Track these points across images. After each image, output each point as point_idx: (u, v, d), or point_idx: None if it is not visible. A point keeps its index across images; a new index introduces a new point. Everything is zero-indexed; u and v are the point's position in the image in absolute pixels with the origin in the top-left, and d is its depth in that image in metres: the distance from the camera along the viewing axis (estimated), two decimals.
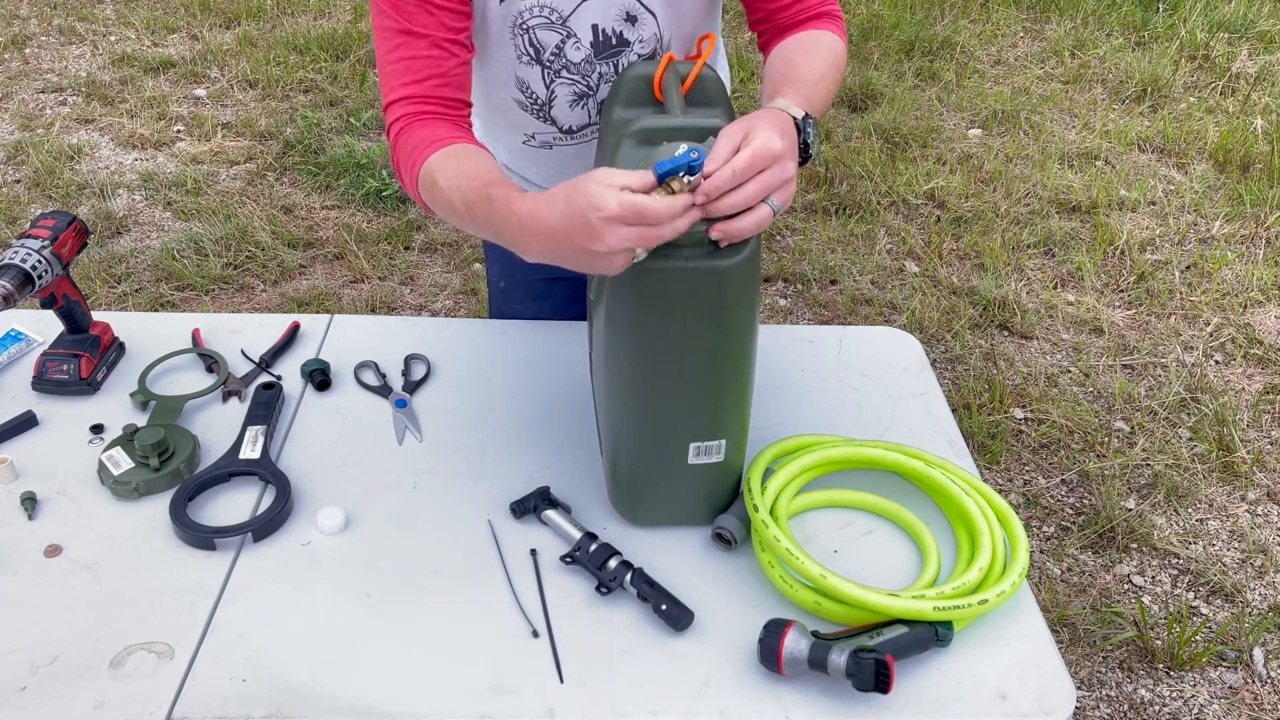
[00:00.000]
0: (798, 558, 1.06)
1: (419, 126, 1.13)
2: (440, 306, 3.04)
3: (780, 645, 0.99)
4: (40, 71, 4.37)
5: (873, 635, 1.00)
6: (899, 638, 1.00)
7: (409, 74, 1.14)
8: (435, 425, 1.33)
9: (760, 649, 1.01)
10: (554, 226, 0.92)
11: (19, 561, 1.11)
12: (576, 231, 0.90)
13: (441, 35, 1.13)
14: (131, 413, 1.33)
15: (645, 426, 1.10)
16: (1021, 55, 4.74)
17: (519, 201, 0.97)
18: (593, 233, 0.89)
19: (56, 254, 1.31)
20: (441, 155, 1.09)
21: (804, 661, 0.98)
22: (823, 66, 1.16)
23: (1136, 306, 3.13)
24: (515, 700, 0.99)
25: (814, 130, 1.05)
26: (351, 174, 3.58)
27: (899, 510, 1.20)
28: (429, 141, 1.10)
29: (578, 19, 1.20)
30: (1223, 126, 4.09)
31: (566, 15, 1.20)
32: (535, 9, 1.19)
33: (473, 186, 1.04)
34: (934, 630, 1.02)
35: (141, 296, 3.00)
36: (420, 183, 1.10)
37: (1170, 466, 2.53)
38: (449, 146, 1.10)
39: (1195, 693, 2.01)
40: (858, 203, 3.56)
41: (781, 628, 1.00)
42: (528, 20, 1.20)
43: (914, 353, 1.50)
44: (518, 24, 1.20)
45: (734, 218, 0.93)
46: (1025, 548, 1.12)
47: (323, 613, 1.07)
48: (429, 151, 1.09)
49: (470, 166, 1.07)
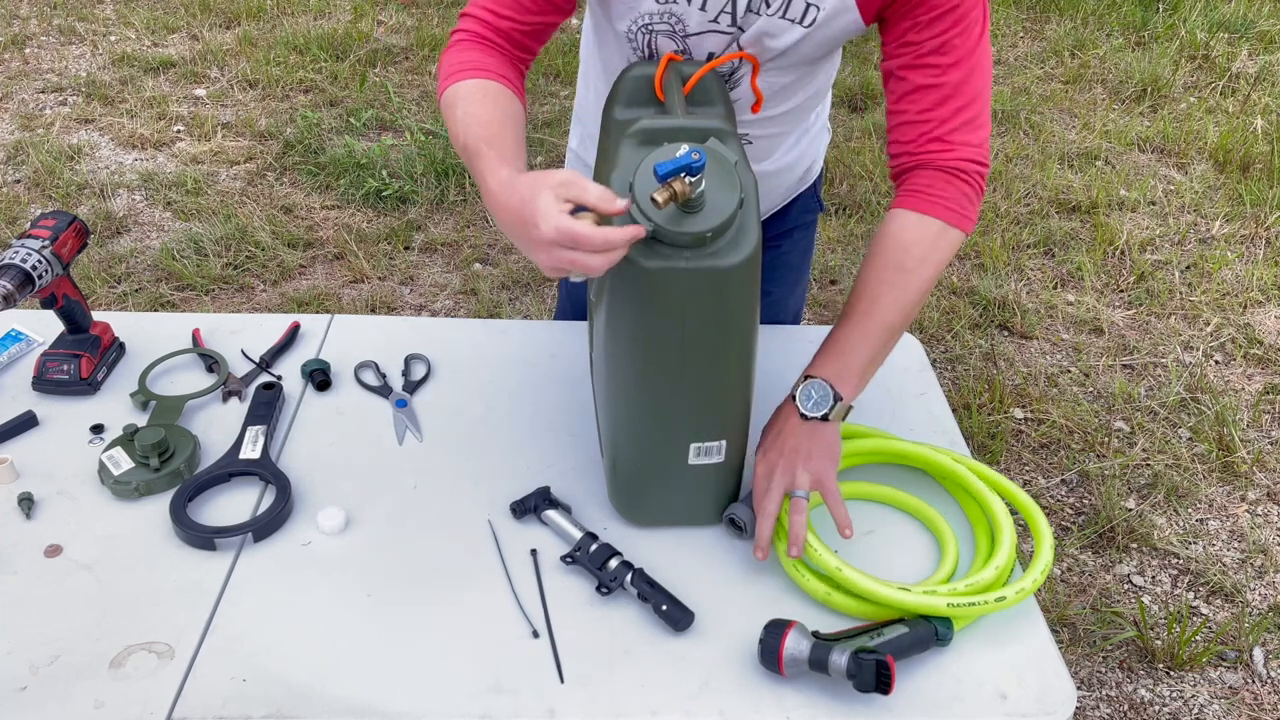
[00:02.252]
0: (815, 548, 1.07)
1: (474, 48, 1.17)
2: (440, 306, 3.04)
3: (781, 646, 0.99)
4: (40, 71, 4.37)
5: (873, 636, 1.00)
6: (899, 638, 1.00)
7: (496, 3, 1.17)
8: (435, 425, 1.33)
9: (761, 650, 1.01)
10: (505, 217, 0.98)
11: (19, 561, 1.11)
12: (522, 234, 0.95)
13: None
14: (131, 413, 1.33)
15: (645, 426, 1.10)
16: (1021, 55, 4.74)
17: (494, 172, 1.01)
18: (529, 242, 0.94)
19: (56, 254, 1.31)
20: (470, 85, 1.12)
21: (805, 662, 0.98)
22: (884, 317, 1.15)
23: (1136, 306, 3.13)
24: (515, 700, 0.99)
25: (814, 390, 1.13)
26: (351, 174, 3.58)
27: (922, 505, 1.21)
28: (471, 66, 1.14)
29: (698, 42, 1.19)
30: (1223, 126, 4.09)
31: (689, 33, 1.19)
32: (663, 15, 1.18)
33: (475, 133, 1.07)
34: (934, 629, 1.02)
35: (141, 296, 3.00)
36: (444, 100, 1.14)
37: (1170, 466, 2.53)
38: (482, 80, 1.12)
39: (1195, 693, 2.01)
40: (858, 203, 3.56)
41: (782, 628, 1.00)
42: (653, 25, 1.19)
43: (914, 353, 1.50)
44: (642, 24, 1.20)
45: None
46: (1049, 544, 1.11)
47: (323, 613, 1.07)
48: (464, 75, 1.13)
49: (486, 111, 1.10)
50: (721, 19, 1.15)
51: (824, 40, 1.18)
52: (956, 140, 1.14)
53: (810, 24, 1.15)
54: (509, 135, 1.07)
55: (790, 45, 1.18)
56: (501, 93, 1.12)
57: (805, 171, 1.52)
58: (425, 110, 4.09)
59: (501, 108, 1.11)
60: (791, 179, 1.49)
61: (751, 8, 1.14)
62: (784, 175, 1.47)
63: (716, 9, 1.15)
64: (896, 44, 1.14)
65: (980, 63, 1.13)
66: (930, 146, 1.15)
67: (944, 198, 1.15)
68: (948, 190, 1.15)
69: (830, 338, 1.17)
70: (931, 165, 1.16)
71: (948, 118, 1.14)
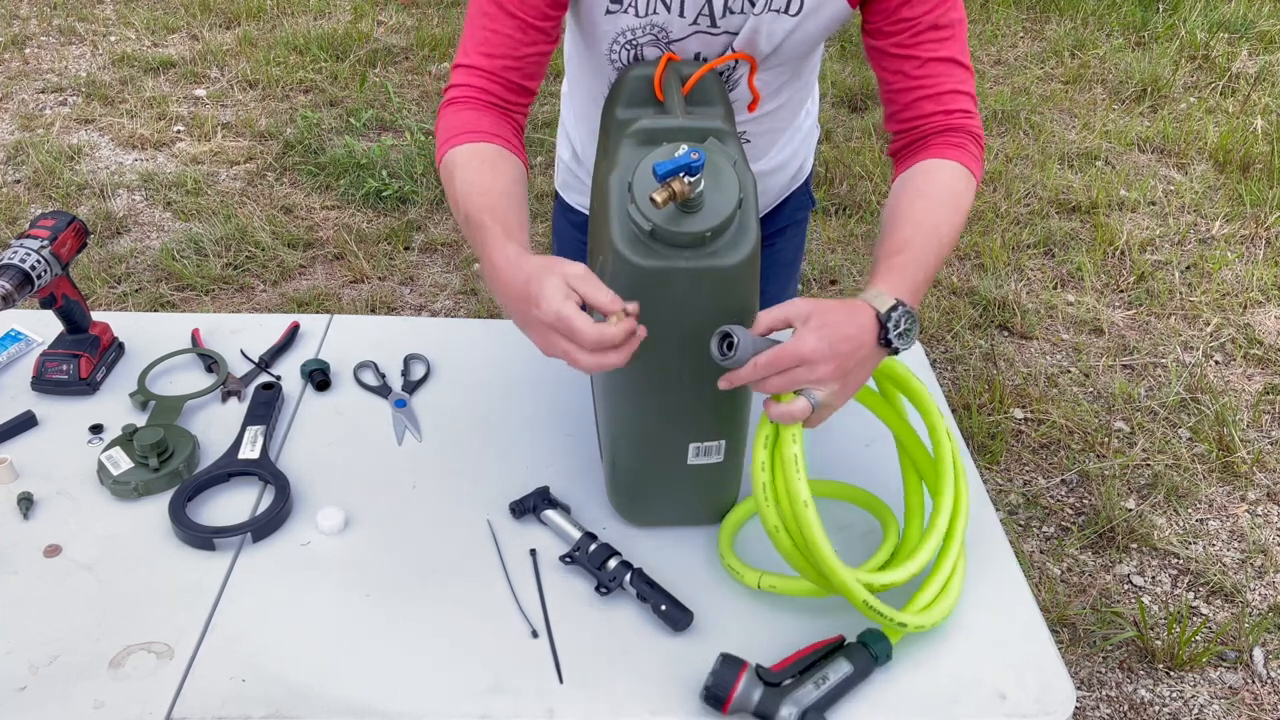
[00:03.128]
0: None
1: (468, 108, 1.15)
2: (440, 306, 3.04)
3: (733, 690, 0.96)
4: (40, 71, 4.37)
5: (818, 683, 0.97)
6: (845, 681, 0.98)
7: (486, 45, 1.15)
8: (435, 425, 1.33)
9: (706, 694, 0.97)
10: (507, 295, 0.99)
11: (19, 561, 1.11)
12: (520, 312, 0.97)
13: (530, 18, 1.13)
14: (131, 413, 1.33)
15: (645, 426, 1.10)
16: (1021, 55, 4.74)
17: (500, 247, 1.01)
18: (526, 319, 0.95)
19: (56, 254, 1.31)
20: (469, 151, 1.11)
21: (750, 710, 0.96)
22: (936, 228, 1.09)
23: (1136, 306, 3.13)
24: (515, 700, 0.99)
25: (904, 321, 1.00)
26: (351, 174, 3.58)
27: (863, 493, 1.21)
28: (468, 129, 1.13)
29: (681, 48, 1.19)
30: (1223, 126, 4.09)
31: (673, 40, 1.19)
32: (645, 28, 1.18)
33: (476, 203, 1.06)
34: (872, 656, 1.00)
35: (141, 296, 3.00)
36: (442, 165, 1.13)
37: (1170, 467, 2.53)
38: (481, 144, 1.11)
39: (1195, 693, 2.01)
40: (858, 203, 3.56)
41: (735, 670, 0.97)
42: (637, 39, 1.19)
43: (914, 353, 1.50)
44: (626, 40, 1.20)
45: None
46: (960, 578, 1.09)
47: (322, 613, 1.07)
48: (462, 140, 1.12)
49: (485, 179, 1.08)
50: (701, 20, 1.16)
51: (814, 30, 1.18)
52: (974, 109, 1.18)
53: (798, 13, 1.15)
54: (512, 206, 1.06)
55: (782, 39, 1.18)
56: (501, 157, 1.11)
57: (798, 169, 1.53)
58: (425, 110, 4.09)
59: (502, 174, 1.09)
60: (785, 177, 1.50)
61: (730, 7, 1.14)
62: (779, 173, 1.48)
63: (694, 12, 1.15)
64: (889, 20, 1.14)
65: (961, 15, 1.16)
66: (956, 114, 1.17)
67: (976, 156, 1.17)
68: (977, 151, 1.18)
69: (899, 263, 1.06)
70: (963, 130, 1.17)
71: (964, 79, 1.17)
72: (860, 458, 1.30)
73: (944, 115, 1.16)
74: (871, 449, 1.31)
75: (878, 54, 1.18)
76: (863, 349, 0.98)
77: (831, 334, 0.96)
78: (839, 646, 1.02)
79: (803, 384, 0.96)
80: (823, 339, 0.95)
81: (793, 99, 1.36)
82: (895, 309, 1.00)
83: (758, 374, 0.96)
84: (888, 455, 1.29)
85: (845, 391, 0.99)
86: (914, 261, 1.06)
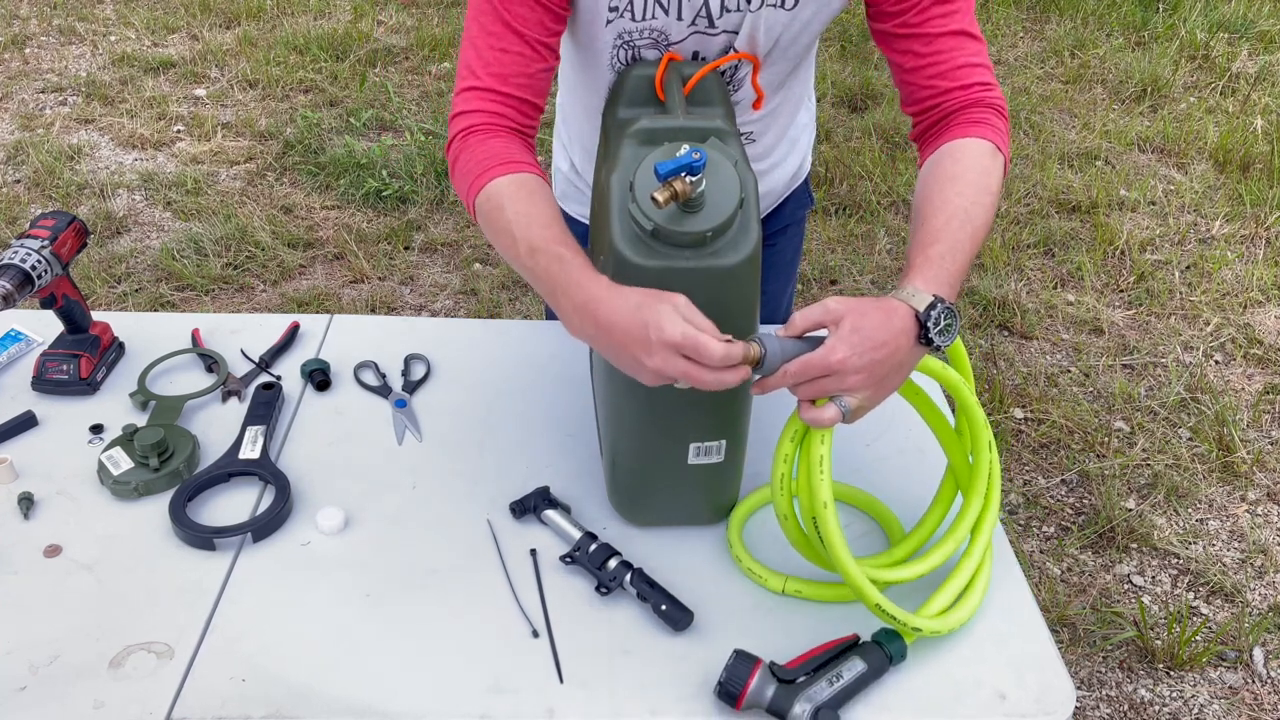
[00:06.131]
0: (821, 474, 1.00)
1: (494, 136, 1.12)
2: (440, 306, 3.04)
3: (746, 686, 0.96)
4: (40, 71, 4.37)
5: (832, 680, 0.98)
6: (859, 679, 0.98)
7: (499, 66, 1.12)
8: (435, 425, 1.33)
9: (720, 689, 0.97)
10: (613, 322, 0.94)
11: (19, 561, 1.11)
12: (632, 339, 0.93)
13: (536, 36, 1.12)
14: (131, 413, 1.33)
15: (645, 426, 1.10)
16: (1021, 55, 4.74)
17: (590, 281, 0.97)
18: (647, 348, 0.92)
19: (56, 254, 1.31)
20: (514, 184, 1.08)
21: (764, 706, 0.96)
22: (967, 212, 1.06)
23: (1136, 306, 3.13)
24: (515, 700, 0.99)
25: (945, 317, 0.98)
26: (351, 174, 3.58)
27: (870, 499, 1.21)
28: (504, 160, 1.09)
29: (680, 49, 1.19)
30: (1223, 126, 4.09)
31: (671, 42, 1.18)
32: (642, 31, 1.17)
33: (541, 234, 1.03)
34: (887, 655, 1.01)
35: (141, 296, 3.00)
36: (480, 199, 1.09)
37: (1170, 466, 2.53)
38: (517, 175, 1.08)
39: (1195, 693, 2.01)
40: (858, 203, 3.56)
41: (749, 666, 0.97)
42: (634, 40, 1.19)
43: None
44: (625, 42, 1.19)
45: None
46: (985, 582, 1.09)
47: (322, 613, 1.07)
48: (501, 171, 1.08)
49: (540, 211, 1.06)
50: (699, 21, 1.16)
51: (810, 21, 1.18)
52: (991, 79, 1.16)
53: (793, 6, 1.15)
54: (575, 241, 1.04)
55: (779, 33, 1.18)
56: (540, 187, 1.09)
57: (799, 167, 1.53)
58: (425, 110, 4.09)
59: (553, 205, 1.08)
60: (787, 174, 1.50)
61: (727, 6, 1.14)
62: (782, 171, 1.48)
63: (692, 13, 1.15)
64: (893, 1, 1.13)
65: None
66: (975, 88, 1.15)
67: (1000, 130, 1.15)
68: (1001, 124, 1.15)
69: (934, 254, 1.03)
70: (983, 103, 1.15)
71: (978, 51, 1.15)
72: (860, 458, 1.30)
73: (961, 90, 1.14)
74: (872, 449, 1.31)
75: (885, 37, 1.17)
76: (898, 353, 0.97)
77: (863, 341, 0.94)
78: (854, 645, 1.02)
79: (833, 392, 0.96)
80: (853, 348, 0.94)
81: (791, 95, 1.36)
82: (934, 306, 0.98)
83: (788, 382, 0.96)
84: (888, 455, 1.29)
85: (880, 394, 0.99)
86: (949, 252, 1.03)
